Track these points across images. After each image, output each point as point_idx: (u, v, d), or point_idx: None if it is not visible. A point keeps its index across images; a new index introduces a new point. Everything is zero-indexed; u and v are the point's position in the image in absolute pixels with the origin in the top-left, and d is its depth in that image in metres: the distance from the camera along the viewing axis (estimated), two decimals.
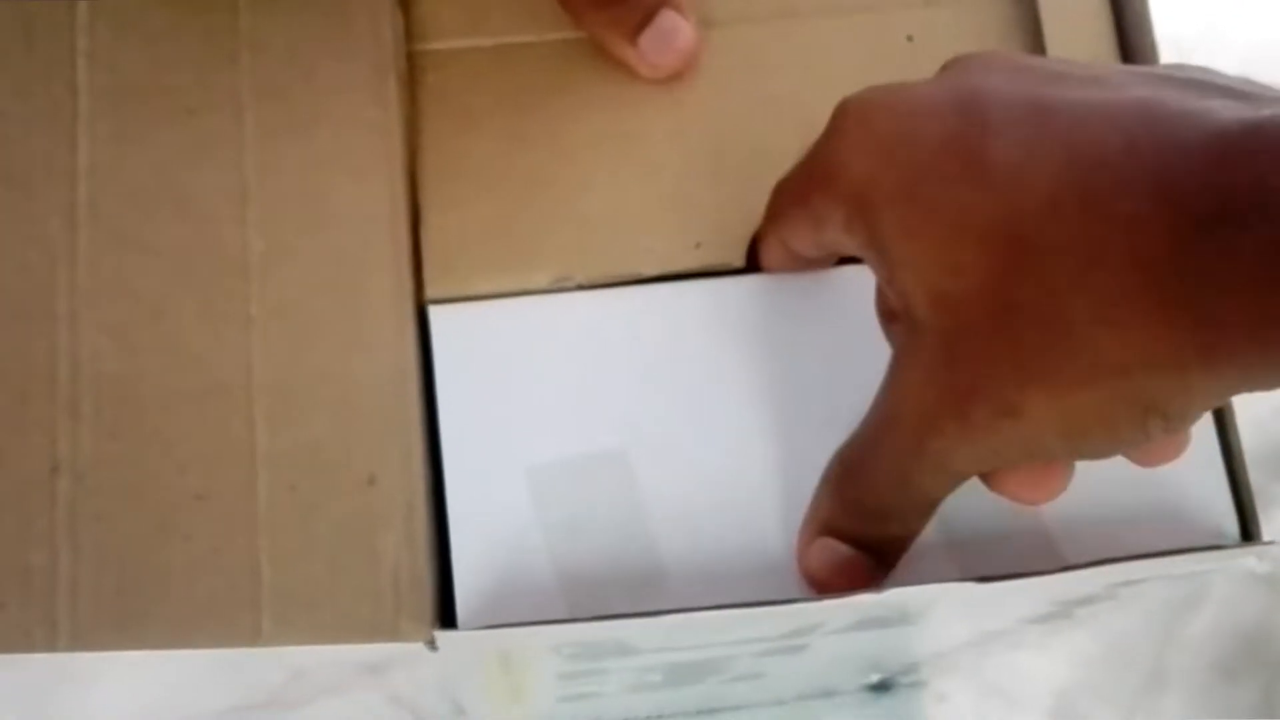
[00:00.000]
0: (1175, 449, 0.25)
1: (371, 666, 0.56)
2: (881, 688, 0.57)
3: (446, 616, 0.28)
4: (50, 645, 0.27)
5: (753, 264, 0.31)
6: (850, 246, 0.26)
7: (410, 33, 0.32)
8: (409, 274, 0.30)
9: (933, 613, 0.33)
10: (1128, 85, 0.22)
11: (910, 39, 0.33)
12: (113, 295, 0.29)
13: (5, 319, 0.28)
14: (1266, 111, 0.20)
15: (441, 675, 0.54)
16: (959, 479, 0.25)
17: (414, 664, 0.56)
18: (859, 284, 0.30)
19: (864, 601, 0.26)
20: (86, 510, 0.27)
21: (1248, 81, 0.22)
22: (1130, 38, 0.33)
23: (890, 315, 0.27)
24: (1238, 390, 0.22)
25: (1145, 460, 0.25)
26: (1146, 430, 0.22)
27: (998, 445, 0.23)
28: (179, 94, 0.30)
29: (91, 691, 0.53)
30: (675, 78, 0.32)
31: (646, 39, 0.31)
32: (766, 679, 0.47)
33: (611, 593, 0.28)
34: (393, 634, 0.27)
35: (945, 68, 0.26)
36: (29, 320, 0.28)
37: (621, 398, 0.30)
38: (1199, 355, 0.20)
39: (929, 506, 0.26)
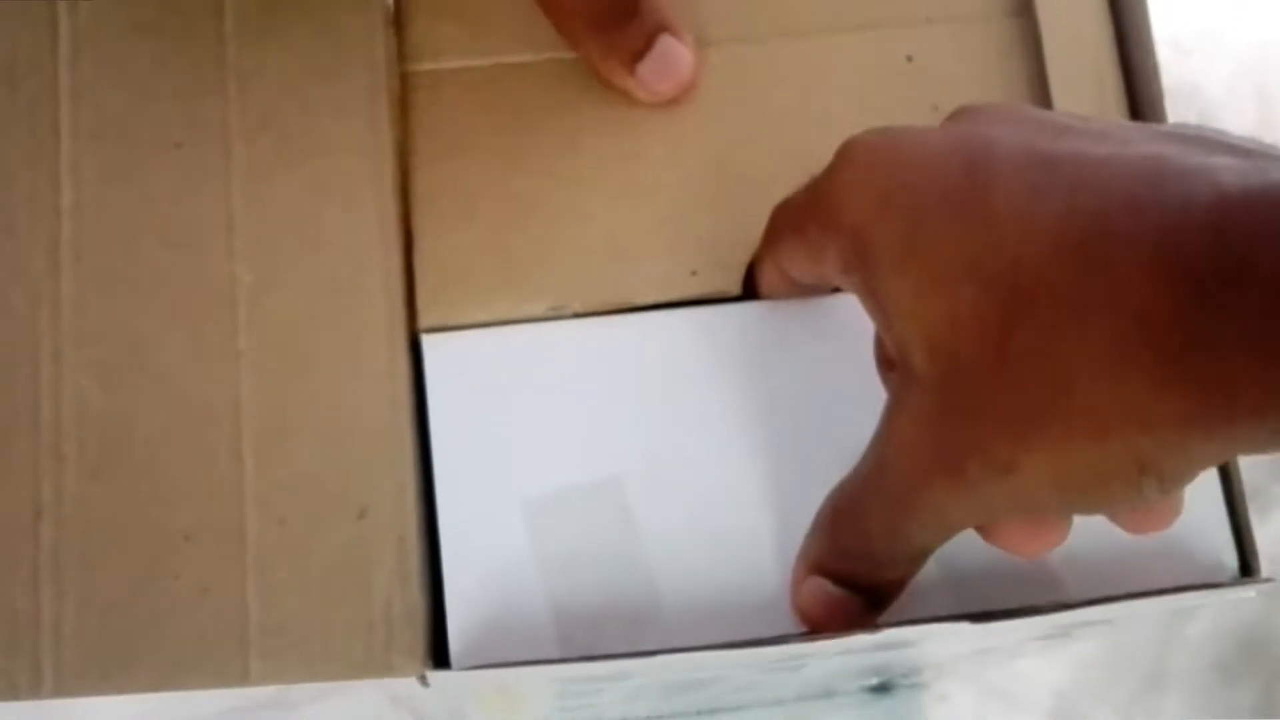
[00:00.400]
0: (1168, 516, 0.25)
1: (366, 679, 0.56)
2: (882, 689, 0.57)
3: (439, 650, 0.28)
4: (35, 693, 0.26)
5: (749, 290, 0.31)
6: (846, 287, 0.26)
7: (404, 53, 0.31)
8: (401, 302, 0.29)
9: (930, 642, 0.32)
10: (1133, 141, 0.22)
11: (910, 59, 0.32)
12: (97, 333, 0.28)
13: None
14: (1273, 175, 0.20)
15: (440, 695, 0.54)
16: (951, 531, 0.25)
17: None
18: (855, 312, 0.30)
19: (858, 641, 0.26)
20: (71, 554, 0.27)
21: (1255, 142, 0.21)
22: (1131, 55, 0.32)
23: (887, 363, 0.27)
24: (1235, 454, 0.21)
25: (1137, 527, 0.24)
26: (1141, 490, 0.21)
27: (991, 500, 0.23)
28: (165, 128, 0.30)
29: None
30: (674, 102, 0.31)
31: (645, 67, 0.30)
32: (767, 685, 0.47)
33: (606, 626, 0.28)
34: (385, 670, 0.27)
35: (953, 116, 0.25)
36: (11, 362, 0.28)
37: (617, 427, 0.29)
38: (1197, 417, 0.20)
39: (921, 556, 0.26)
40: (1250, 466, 0.29)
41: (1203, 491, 0.29)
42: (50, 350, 0.28)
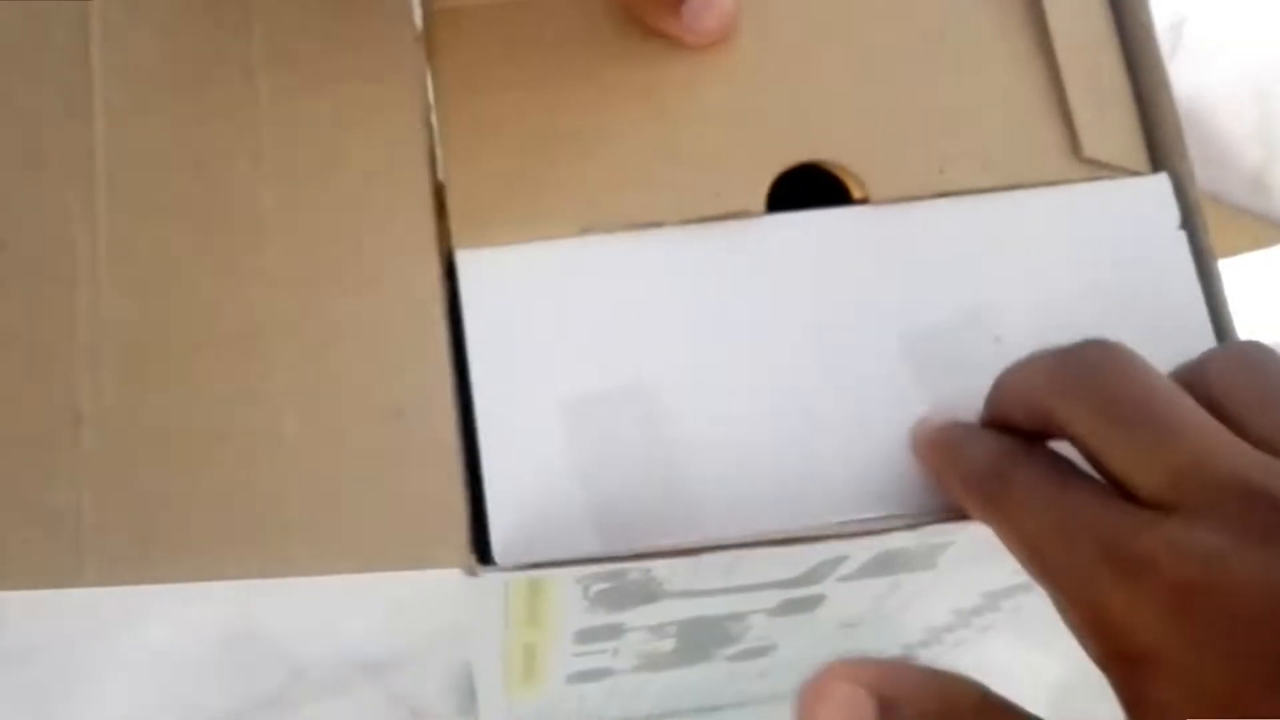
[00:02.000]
0: None
1: (371, 666, 0.56)
2: None
3: (480, 549, 0.28)
4: (76, 580, 0.26)
5: (772, 208, 0.32)
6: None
7: None
8: (432, 219, 0.30)
9: (950, 553, 0.33)
10: None
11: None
12: (129, 257, 0.29)
13: (26, 285, 0.28)
14: None
15: (443, 667, 0.54)
16: None
17: (415, 663, 0.56)
18: (877, 221, 0.31)
19: (893, 540, 0.27)
20: (108, 454, 0.27)
21: None
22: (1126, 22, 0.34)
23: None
24: None
25: None
26: None
27: None
28: (192, 65, 0.30)
29: (91, 693, 0.53)
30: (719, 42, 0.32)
31: (689, 9, 0.31)
32: (771, 663, 0.47)
33: (641, 519, 0.28)
34: (428, 560, 0.27)
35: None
36: (49, 284, 0.28)
37: (648, 336, 0.30)
38: None
39: None
40: None
41: None
42: (86, 273, 0.28)
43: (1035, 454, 0.26)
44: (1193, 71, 0.65)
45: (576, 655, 0.39)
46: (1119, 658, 0.22)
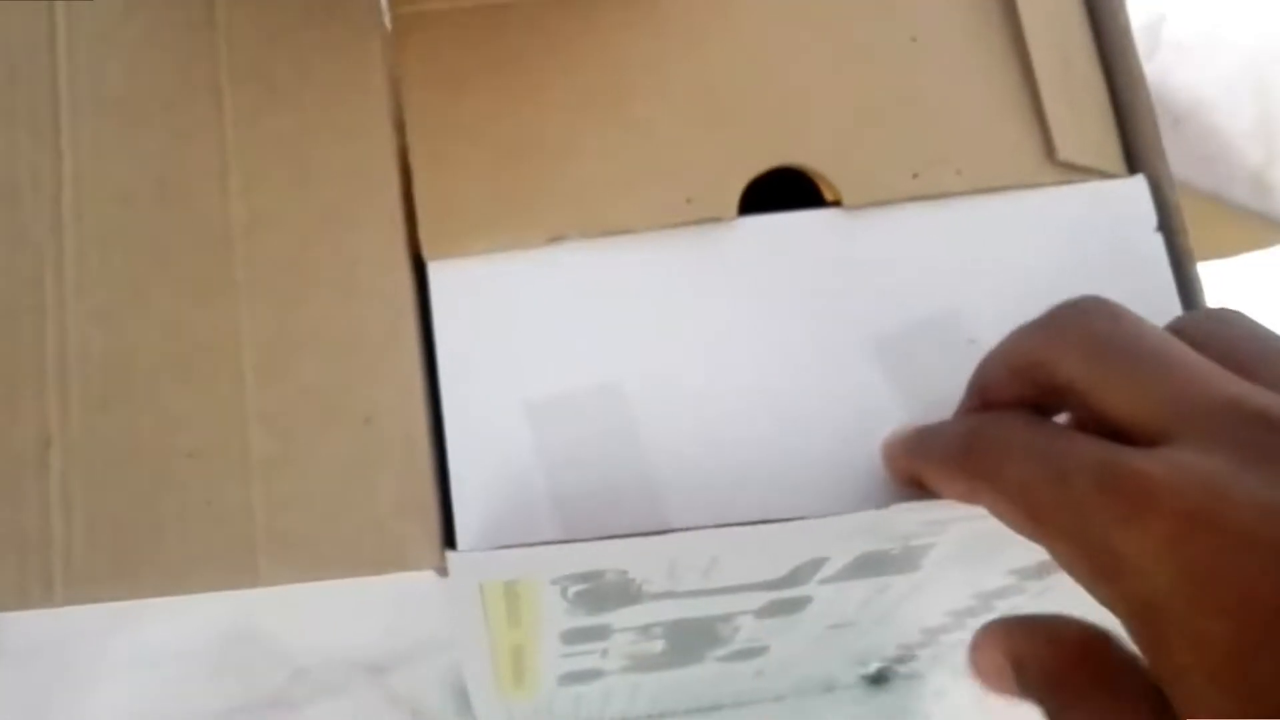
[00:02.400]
0: None
1: (371, 666, 0.56)
2: (879, 679, 0.57)
3: (450, 547, 0.28)
4: (46, 601, 0.27)
5: (745, 211, 0.32)
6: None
7: None
8: (402, 227, 0.30)
9: (933, 555, 0.33)
10: None
11: None
12: (98, 285, 0.29)
13: None
14: None
15: (443, 667, 0.54)
16: None
17: (415, 663, 0.56)
18: (850, 225, 0.31)
19: (864, 519, 0.27)
20: (78, 477, 0.28)
21: None
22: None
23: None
24: None
25: None
26: None
27: None
28: (157, 92, 0.31)
29: (90, 693, 0.53)
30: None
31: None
32: (766, 662, 0.47)
33: (610, 520, 0.29)
34: (398, 563, 0.28)
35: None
36: (17, 317, 0.29)
37: (618, 340, 0.30)
38: None
39: None
40: None
41: None
42: (54, 302, 0.29)
43: (1010, 414, 0.25)
44: (1188, 69, 0.65)
45: (565, 657, 0.40)
46: (1127, 600, 0.21)
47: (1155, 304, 0.31)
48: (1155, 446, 0.22)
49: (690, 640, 0.40)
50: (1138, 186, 0.32)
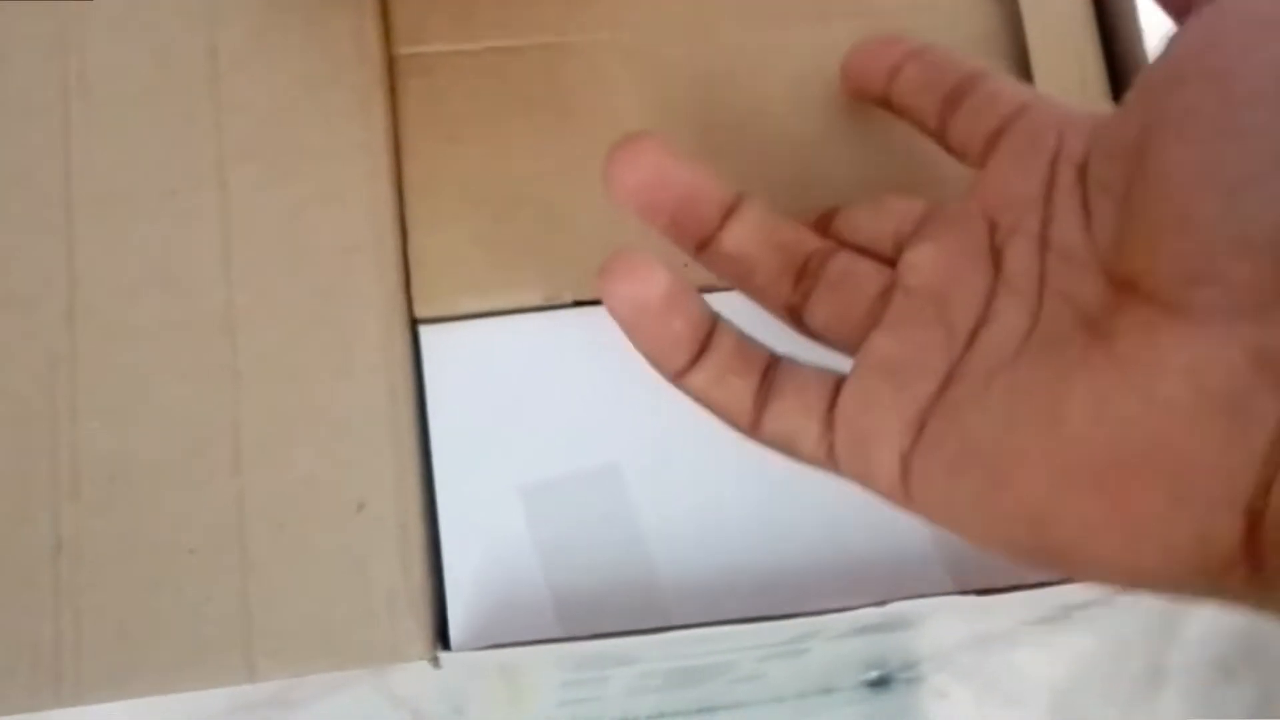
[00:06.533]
0: None
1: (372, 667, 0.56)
2: (880, 684, 0.57)
3: (446, 636, 0.28)
4: (57, 703, 0.27)
5: None
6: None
7: (394, 36, 0.32)
8: (399, 296, 0.30)
9: (931, 619, 0.33)
10: None
11: None
12: (105, 383, 0.29)
13: (14, 422, 0.29)
14: None
15: (442, 685, 0.54)
16: None
17: (415, 665, 0.56)
18: None
19: (864, 615, 0.27)
20: (86, 583, 0.28)
21: None
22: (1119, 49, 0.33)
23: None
24: None
25: None
26: None
27: None
28: (159, 177, 0.30)
29: None
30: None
31: None
32: (767, 679, 0.47)
33: (607, 608, 0.28)
34: (391, 656, 0.27)
35: None
36: (34, 421, 0.29)
37: (613, 414, 0.30)
38: None
39: None
40: None
41: None
42: (66, 404, 0.29)
43: None
44: None
45: (564, 694, 0.40)
46: None
47: None
48: None
49: (689, 679, 0.40)
50: None
